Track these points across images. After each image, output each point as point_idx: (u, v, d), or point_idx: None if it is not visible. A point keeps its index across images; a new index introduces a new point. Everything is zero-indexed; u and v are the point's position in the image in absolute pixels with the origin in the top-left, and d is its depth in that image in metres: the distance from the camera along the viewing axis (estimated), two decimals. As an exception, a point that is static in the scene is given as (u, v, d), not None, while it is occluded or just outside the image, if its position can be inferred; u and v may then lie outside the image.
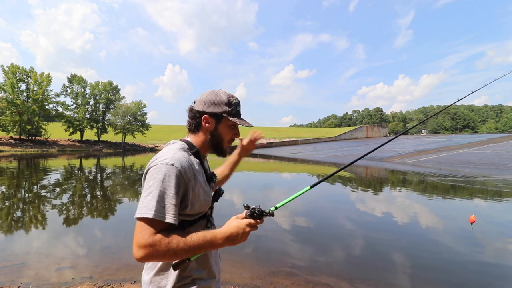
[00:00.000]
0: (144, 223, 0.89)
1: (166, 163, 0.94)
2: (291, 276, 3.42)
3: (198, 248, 0.92)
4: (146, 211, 0.89)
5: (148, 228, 0.89)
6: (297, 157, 26.23)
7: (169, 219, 0.91)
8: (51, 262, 3.80)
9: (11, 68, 38.18)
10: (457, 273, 3.66)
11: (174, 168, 0.93)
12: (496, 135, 44.76)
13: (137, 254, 0.88)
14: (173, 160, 0.95)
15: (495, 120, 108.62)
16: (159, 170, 0.94)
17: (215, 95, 1.11)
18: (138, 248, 0.88)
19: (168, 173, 0.93)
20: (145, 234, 0.88)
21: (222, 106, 1.10)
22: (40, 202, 7.58)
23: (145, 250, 0.87)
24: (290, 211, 6.79)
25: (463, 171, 14.44)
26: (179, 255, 0.91)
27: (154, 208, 0.89)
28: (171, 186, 0.92)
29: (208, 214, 1.11)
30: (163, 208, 0.90)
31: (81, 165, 19.62)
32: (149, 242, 0.87)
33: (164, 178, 0.92)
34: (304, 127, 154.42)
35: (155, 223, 0.89)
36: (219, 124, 1.12)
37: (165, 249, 0.88)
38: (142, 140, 50.25)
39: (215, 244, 0.95)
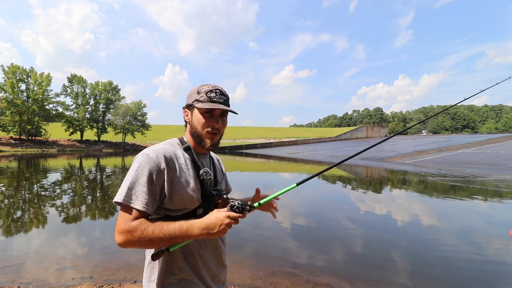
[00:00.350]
0: (122, 210, 0.95)
1: (143, 154, 1.00)
2: (291, 276, 3.42)
3: (174, 237, 0.92)
4: (119, 196, 0.95)
5: (125, 215, 0.94)
6: (297, 157, 26.22)
7: (137, 205, 0.93)
8: (51, 262, 3.79)
9: (11, 68, 38.19)
10: (457, 273, 3.66)
11: (148, 158, 0.98)
12: (496, 135, 44.78)
13: (117, 239, 0.93)
14: (149, 150, 1.01)
15: (495, 120, 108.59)
16: (137, 160, 0.99)
17: (192, 89, 1.14)
18: (117, 233, 0.92)
19: (142, 162, 0.97)
20: (123, 220, 0.93)
21: (193, 95, 1.11)
22: (40, 202, 7.57)
23: (122, 236, 0.91)
24: (290, 211, 6.79)
25: (463, 171, 14.44)
26: (155, 242, 0.92)
27: (124, 194, 0.94)
28: (143, 175, 0.96)
29: (200, 213, 1.07)
30: (134, 194, 0.94)
31: (81, 165, 19.61)
32: (126, 228, 0.91)
33: (139, 167, 0.97)
34: (304, 127, 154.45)
35: (130, 210, 0.94)
36: (192, 114, 1.13)
37: (140, 235, 0.90)
38: (142, 140, 50.27)
39: (191, 234, 0.93)
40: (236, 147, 42.67)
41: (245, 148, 43.12)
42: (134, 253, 4.17)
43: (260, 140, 52.00)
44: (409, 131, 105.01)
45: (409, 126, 1.84)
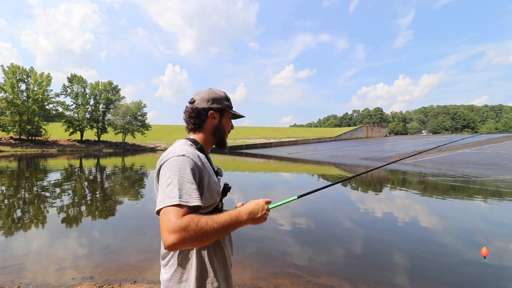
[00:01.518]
0: (169, 211, 0.89)
1: (177, 155, 0.99)
2: (292, 276, 3.42)
3: (227, 226, 0.93)
4: (170, 199, 0.90)
5: (174, 213, 0.88)
6: (297, 157, 26.22)
7: (195, 202, 0.92)
8: (51, 262, 3.79)
9: (11, 68, 38.17)
10: (457, 273, 3.66)
11: (186, 158, 0.99)
12: (496, 135, 44.78)
13: (169, 239, 0.85)
14: (183, 151, 1.01)
15: (495, 120, 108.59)
16: (172, 162, 0.98)
17: (214, 92, 1.22)
18: (169, 233, 0.85)
19: (182, 163, 0.98)
20: (172, 218, 0.87)
21: (223, 101, 1.22)
22: (40, 202, 7.57)
23: (176, 234, 0.85)
24: (290, 212, 6.79)
25: (463, 171, 14.43)
26: (210, 235, 0.89)
27: (177, 196, 0.90)
28: (187, 173, 0.96)
29: (219, 207, 1.16)
30: (186, 194, 0.92)
31: (81, 165, 19.61)
32: (179, 224, 0.86)
33: (180, 167, 0.96)
34: (304, 127, 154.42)
35: (180, 208, 0.89)
36: (222, 118, 1.23)
37: (195, 229, 0.86)
38: (142, 140, 50.25)
39: (241, 221, 0.98)
40: (236, 147, 42.67)
41: (245, 148, 43.11)
42: (134, 253, 4.17)
43: (260, 140, 51.99)
44: (409, 131, 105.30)
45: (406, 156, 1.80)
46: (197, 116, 1.18)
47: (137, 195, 9.03)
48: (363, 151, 29.15)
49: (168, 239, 0.85)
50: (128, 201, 7.92)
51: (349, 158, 23.91)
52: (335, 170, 17.21)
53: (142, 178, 13.23)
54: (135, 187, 10.56)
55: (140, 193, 9.32)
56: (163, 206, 0.90)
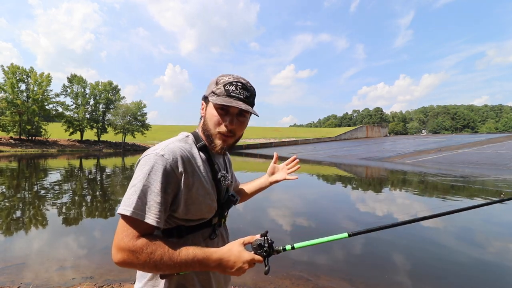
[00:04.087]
0: (126, 222, 0.77)
1: (155, 154, 0.81)
2: (291, 276, 3.42)
3: (185, 266, 0.78)
4: (124, 206, 0.77)
5: (129, 229, 0.76)
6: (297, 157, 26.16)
7: (150, 219, 0.77)
8: (52, 262, 3.79)
9: (11, 68, 38.18)
10: (458, 273, 3.66)
11: (163, 160, 0.80)
12: (496, 135, 44.77)
13: (115, 256, 0.77)
14: (164, 150, 0.82)
15: (495, 120, 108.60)
16: (147, 161, 0.81)
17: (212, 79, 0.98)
18: (117, 250, 0.76)
19: (156, 165, 0.79)
20: (126, 235, 0.76)
21: (211, 86, 0.95)
22: (40, 202, 7.57)
23: (123, 254, 0.75)
24: (290, 211, 6.79)
25: (463, 171, 14.43)
26: (161, 269, 0.77)
27: (133, 205, 0.76)
28: (157, 181, 0.78)
29: (215, 223, 0.97)
30: (145, 205, 0.77)
31: (81, 165, 19.61)
32: (129, 246, 0.75)
33: (151, 170, 0.79)
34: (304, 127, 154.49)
35: (137, 223, 0.77)
36: (206, 108, 0.97)
37: (145, 259, 0.75)
38: (142, 140, 50.24)
39: (206, 266, 0.81)
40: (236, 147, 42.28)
41: (245, 148, 43.11)
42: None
43: (260, 140, 51.99)
44: (409, 131, 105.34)
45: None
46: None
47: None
48: (363, 151, 29.15)
49: (115, 255, 0.77)
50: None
51: (349, 158, 23.91)
52: (335, 170, 17.20)
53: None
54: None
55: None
56: (118, 211, 0.78)
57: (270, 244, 0.86)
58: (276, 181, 1.36)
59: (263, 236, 0.86)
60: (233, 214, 3.31)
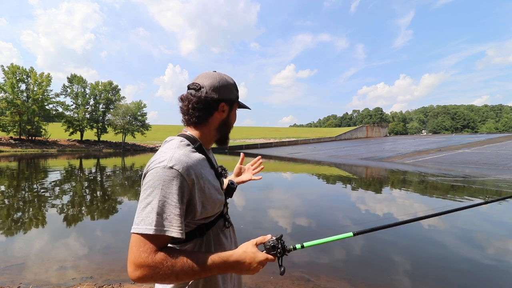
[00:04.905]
0: (143, 238, 0.76)
1: (163, 166, 0.80)
2: (292, 276, 3.42)
3: (204, 273, 0.80)
4: (145, 225, 0.76)
5: (147, 244, 0.75)
6: (297, 157, 26.22)
7: (174, 233, 0.77)
8: (51, 263, 3.79)
9: (11, 68, 38.19)
10: (457, 273, 3.66)
11: (173, 172, 0.79)
12: (496, 135, 44.76)
13: (134, 274, 0.75)
14: (172, 161, 0.81)
15: (495, 120, 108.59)
16: (156, 175, 0.80)
17: (224, 79, 0.98)
18: (135, 267, 0.75)
19: (167, 178, 0.79)
20: (144, 251, 0.75)
21: (233, 89, 1.01)
22: (40, 202, 7.57)
23: (143, 271, 0.74)
24: (290, 211, 6.79)
25: (463, 171, 14.43)
26: (181, 279, 0.78)
27: (154, 223, 0.76)
28: (172, 194, 0.78)
29: (224, 212, 1.03)
30: (166, 220, 0.77)
31: (81, 165, 19.61)
32: (148, 262, 0.74)
33: (164, 184, 0.78)
34: (304, 127, 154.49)
35: (156, 238, 0.76)
36: (231, 110, 1.02)
37: (166, 272, 0.75)
38: (142, 140, 50.26)
39: (224, 270, 0.84)
40: (236, 147, 42.65)
41: (245, 148, 43.10)
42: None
43: (260, 140, 52.00)
44: (409, 131, 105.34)
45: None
46: (205, 108, 0.95)
47: (137, 195, 9.02)
48: (363, 151, 29.16)
49: (133, 272, 0.75)
50: (128, 201, 7.92)
51: (349, 158, 23.92)
52: (335, 170, 17.20)
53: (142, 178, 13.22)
54: (135, 187, 10.56)
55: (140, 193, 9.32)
56: (136, 231, 0.76)
57: (283, 246, 0.90)
58: (242, 182, 1.39)
59: (278, 239, 0.91)
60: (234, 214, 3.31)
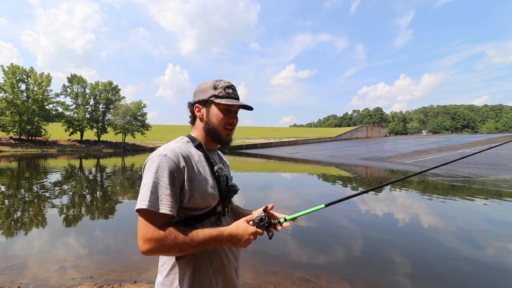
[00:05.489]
0: (147, 216, 0.90)
1: (159, 154, 0.95)
2: (291, 276, 3.42)
3: (203, 245, 0.92)
4: (140, 202, 0.90)
5: (151, 221, 0.89)
6: (297, 157, 26.21)
7: (163, 209, 0.90)
8: (51, 262, 3.79)
9: (11, 68, 38.19)
10: (457, 273, 3.66)
11: (166, 158, 0.94)
12: (496, 135, 44.76)
13: (143, 247, 0.88)
14: (166, 150, 0.96)
15: (495, 120, 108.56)
16: (153, 162, 0.95)
17: (203, 83, 1.12)
18: (144, 241, 0.88)
19: (161, 164, 0.93)
20: (150, 228, 0.89)
21: (209, 91, 1.09)
22: (40, 202, 7.57)
23: (151, 244, 0.88)
24: (291, 211, 6.78)
25: (463, 171, 14.43)
26: (184, 250, 0.91)
27: (148, 199, 0.90)
28: (164, 176, 0.92)
29: (219, 211, 1.09)
30: (157, 199, 0.90)
31: (81, 165, 19.61)
32: (155, 236, 0.88)
33: (158, 169, 0.93)
34: (304, 127, 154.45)
35: (156, 216, 0.90)
36: (209, 110, 1.10)
37: (171, 243, 0.88)
38: (142, 140, 50.25)
39: (220, 242, 0.95)
40: (236, 147, 42.64)
41: (245, 148, 43.10)
42: (135, 253, 4.16)
43: (260, 140, 52.00)
44: (409, 131, 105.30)
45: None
46: (190, 111, 1.14)
47: (137, 195, 9.01)
48: (363, 151, 29.16)
49: (142, 246, 0.88)
50: (128, 201, 7.92)
51: (349, 158, 23.92)
52: (335, 170, 17.21)
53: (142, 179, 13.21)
54: (135, 187, 10.56)
55: (140, 193, 9.32)
56: (136, 207, 0.91)
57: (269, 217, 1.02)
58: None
59: (264, 211, 1.03)
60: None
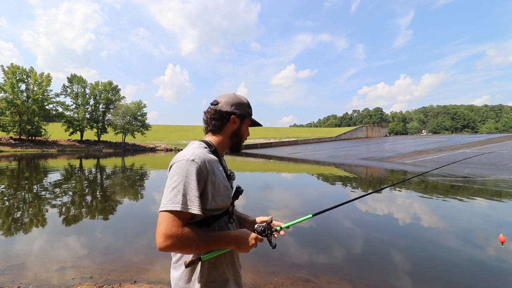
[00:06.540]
0: (172, 215, 0.96)
1: (187, 159, 1.03)
2: (291, 276, 3.42)
3: (215, 244, 1.02)
4: (173, 204, 0.97)
5: (176, 220, 0.96)
6: (297, 157, 26.22)
7: (195, 210, 0.98)
8: (51, 262, 3.79)
9: (11, 68, 38.16)
10: (457, 273, 3.66)
11: (194, 163, 1.02)
12: (496, 135, 44.76)
13: (163, 243, 0.94)
14: (193, 156, 1.04)
15: (495, 120, 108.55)
16: (181, 166, 1.02)
17: (238, 98, 1.25)
18: (165, 237, 0.94)
19: (190, 168, 1.01)
20: (174, 225, 0.95)
21: (246, 107, 1.26)
22: (40, 202, 7.57)
23: (172, 240, 0.94)
24: (291, 211, 6.79)
25: (463, 171, 14.43)
26: (200, 249, 1.00)
27: (180, 201, 0.97)
28: (193, 180, 1.00)
29: (231, 210, 1.20)
30: (188, 200, 0.98)
31: (81, 165, 19.61)
32: (178, 233, 0.94)
33: (187, 172, 1.01)
34: (304, 127, 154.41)
35: (182, 215, 0.97)
36: (242, 124, 1.26)
37: (190, 242, 0.96)
38: (142, 140, 50.22)
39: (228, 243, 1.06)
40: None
41: (245, 148, 43.12)
42: (134, 253, 4.17)
43: (260, 140, 52.00)
44: (409, 131, 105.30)
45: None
46: (219, 118, 1.21)
47: (137, 195, 9.03)
48: (363, 151, 29.16)
49: (163, 242, 0.94)
50: (128, 201, 7.92)
51: (349, 158, 23.92)
52: (335, 169, 17.21)
53: (142, 178, 13.23)
54: (135, 187, 10.56)
55: (140, 193, 9.32)
56: (165, 209, 0.97)
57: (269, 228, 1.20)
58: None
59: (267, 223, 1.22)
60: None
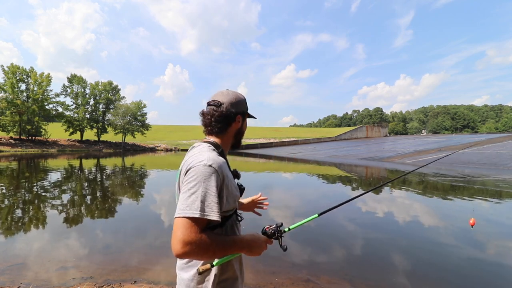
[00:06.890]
0: (189, 221, 0.94)
1: (204, 164, 1.00)
2: (291, 276, 3.42)
3: (230, 249, 1.02)
4: (192, 211, 0.94)
5: (194, 226, 0.94)
6: (297, 157, 26.22)
7: (214, 216, 0.97)
8: (51, 262, 3.79)
9: (11, 68, 38.16)
10: (457, 273, 3.66)
11: (211, 169, 1.00)
12: (496, 135, 44.77)
13: (181, 249, 0.91)
14: (210, 160, 1.02)
15: (495, 120, 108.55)
16: (198, 172, 1.00)
17: (238, 96, 1.23)
18: (184, 244, 0.91)
19: (208, 174, 0.99)
20: (192, 232, 0.93)
21: (245, 104, 1.26)
22: (40, 202, 7.57)
23: (190, 247, 0.91)
24: (291, 211, 6.79)
25: (463, 171, 14.43)
26: (216, 255, 0.99)
27: (199, 208, 0.95)
28: (212, 186, 0.99)
29: (237, 209, 1.23)
30: (207, 207, 0.97)
31: (81, 165, 19.61)
32: (196, 240, 0.92)
33: (205, 178, 0.99)
34: (304, 127, 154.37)
35: (200, 221, 0.95)
36: (244, 121, 1.27)
37: (208, 248, 0.94)
38: (142, 140, 50.22)
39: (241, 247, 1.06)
40: (236, 147, 42.59)
41: (245, 148, 43.10)
42: (134, 253, 4.17)
43: (260, 140, 51.99)
44: (409, 131, 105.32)
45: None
46: (225, 120, 1.18)
47: (137, 195, 9.03)
48: (363, 151, 29.16)
49: (180, 248, 0.91)
50: (128, 202, 7.92)
51: (349, 158, 23.92)
52: (335, 169, 17.21)
53: (142, 179, 13.23)
54: (135, 187, 10.56)
55: (140, 194, 9.32)
56: (183, 215, 0.94)
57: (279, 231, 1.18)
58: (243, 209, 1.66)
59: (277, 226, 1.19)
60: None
